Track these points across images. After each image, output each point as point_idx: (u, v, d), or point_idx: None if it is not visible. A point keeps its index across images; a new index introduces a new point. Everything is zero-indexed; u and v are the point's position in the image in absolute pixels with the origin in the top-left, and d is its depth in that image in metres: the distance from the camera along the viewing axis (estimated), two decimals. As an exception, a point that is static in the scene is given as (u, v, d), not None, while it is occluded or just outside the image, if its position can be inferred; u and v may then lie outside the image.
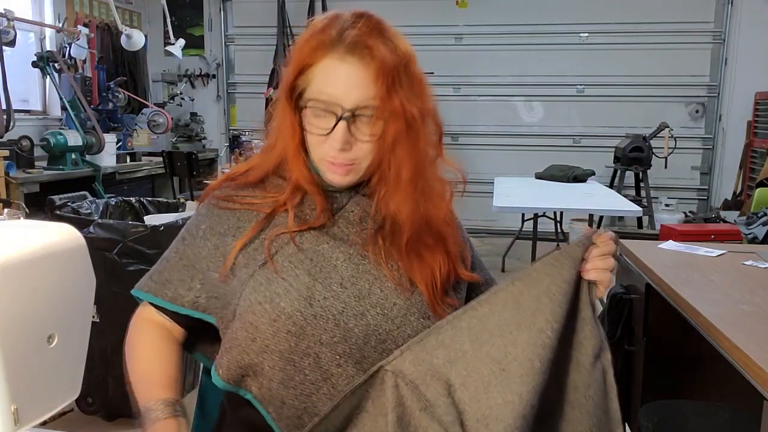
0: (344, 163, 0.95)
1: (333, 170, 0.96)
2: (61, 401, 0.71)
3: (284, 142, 0.98)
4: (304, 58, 0.93)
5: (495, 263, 4.93)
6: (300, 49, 0.94)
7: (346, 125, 0.91)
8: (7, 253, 0.62)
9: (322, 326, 0.91)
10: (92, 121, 4.45)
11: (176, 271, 1.00)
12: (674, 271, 1.69)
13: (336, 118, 0.91)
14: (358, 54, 0.90)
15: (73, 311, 0.72)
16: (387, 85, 0.90)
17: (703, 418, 1.56)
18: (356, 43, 0.90)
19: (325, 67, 0.92)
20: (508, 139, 6.25)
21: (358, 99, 0.90)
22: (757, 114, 5.67)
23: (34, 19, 5.12)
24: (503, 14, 6.11)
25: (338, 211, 1.00)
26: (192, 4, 6.69)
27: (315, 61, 0.92)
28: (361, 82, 0.90)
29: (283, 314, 0.90)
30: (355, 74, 0.90)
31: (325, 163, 0.96)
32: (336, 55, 0.91)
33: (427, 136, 0.97)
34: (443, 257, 0.99)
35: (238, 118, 6.86)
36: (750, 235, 4.17)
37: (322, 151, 0.95)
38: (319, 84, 0.92)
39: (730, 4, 5.77)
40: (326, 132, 0.92)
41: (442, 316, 0.95)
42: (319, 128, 0.93)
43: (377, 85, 0.90)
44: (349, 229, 0.99)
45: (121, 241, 2.22)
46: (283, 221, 0.99)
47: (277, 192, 1.01)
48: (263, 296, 0.92)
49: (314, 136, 0.95)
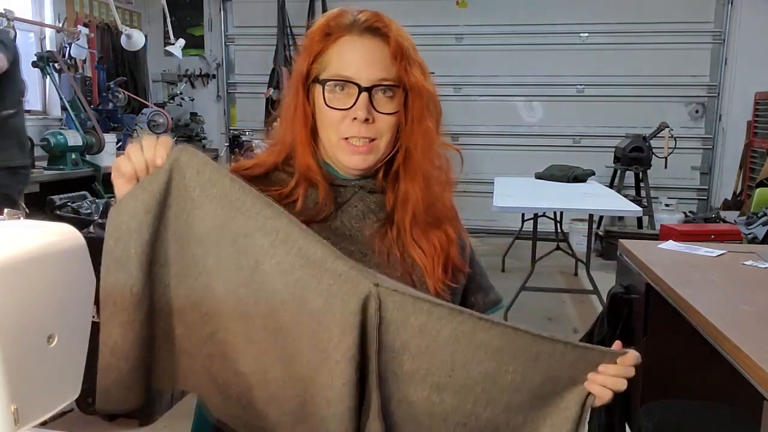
0: (366, 140, 0.96)
1: (353, 151, 0.96)
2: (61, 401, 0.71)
3: (295, 132, 0.99)
4: (317, 44, 0.96)
5: (495, 263, 4.93)
6: (311, 37, 0.97)
7: (367, 97, 0.94)
8: (7, 253, 0.62)
9: None
10: (92, 121, 4.45)
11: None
12: (674, 271, 1.69)
13: (356, 93, 0.93)
14: (373, 33, 0.95)
15: (73, 311, 0.72)
16: (405, 63, 0.95)
17: (703, 418, 1.56)
18: (370, 24, 0.95)
19: (340, 47, 0.95)
20: (508, 139, 6.25)
21: (376, 75, 0.94)
22: (757, 114, 5.67)
23: (34, 19, 5.12)
24: (503, 14, 6.11)
25: (342, 205, 1.00)
26: (192, 4, 6.69)
27: (330, 45, 0.95)
28: (379, 58, 0.94)
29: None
30: (372, 51, 0.94)
31: (344, 144, 0.96)
32: (352, 35, 0.95)
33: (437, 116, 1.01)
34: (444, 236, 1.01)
35: (238, 118, 6.86)
36: (750, 235, 4.17)
37: (342, 129, 0.96)
38: (336, 64, 0.95)
39: (730, 4, 5.77)
40: (348, 106, 0.94)
41: (440, 293, 0.96)
42: (340, 103, 0.95)
43: (395, 63, 0.94)
44: (352, 224, 0.99)
45: (121, 241, 2.22)
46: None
47: (281, 186, 1.01)
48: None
49: (333, 114, 0.95)
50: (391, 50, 0.94)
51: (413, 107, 0.97)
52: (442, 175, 1.03)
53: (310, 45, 0.97)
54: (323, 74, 0.96)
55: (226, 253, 0.82)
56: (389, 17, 0.98)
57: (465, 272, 1.04)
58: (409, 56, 0.95)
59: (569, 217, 5.37)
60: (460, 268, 1.03)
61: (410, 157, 0.99)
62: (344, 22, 0.95)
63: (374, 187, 1.02)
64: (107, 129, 4.93)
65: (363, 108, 0.93)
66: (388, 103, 0.95)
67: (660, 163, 5.41)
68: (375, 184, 1.02)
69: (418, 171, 0.99)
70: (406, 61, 0.95)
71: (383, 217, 1.01)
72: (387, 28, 0.95)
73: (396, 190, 1.01)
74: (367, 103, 0.93)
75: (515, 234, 5.11)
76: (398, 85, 0.95)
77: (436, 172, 1.01)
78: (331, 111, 0.95)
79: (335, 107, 0.95)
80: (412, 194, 0.99)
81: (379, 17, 0.96)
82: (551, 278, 4.75)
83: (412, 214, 0.99)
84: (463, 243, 1.06)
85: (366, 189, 1.02)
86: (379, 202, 1.02)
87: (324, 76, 0.96)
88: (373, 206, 1.02)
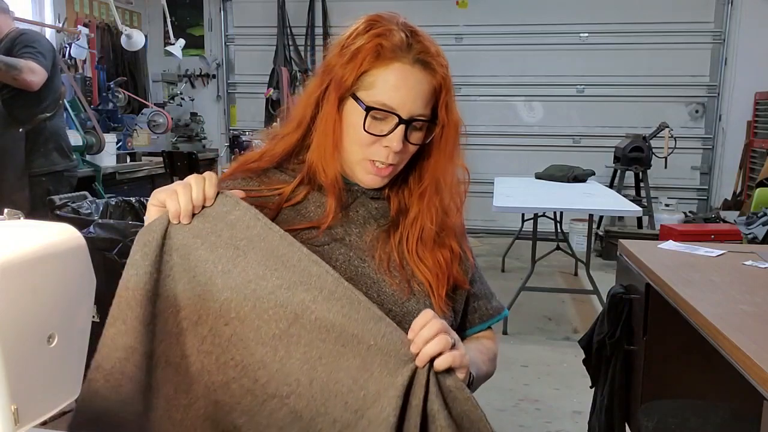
0: (389, 166, 0.97)
1: (375, 172, 0.97)
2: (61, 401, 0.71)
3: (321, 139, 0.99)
4: (367, 62, 0.94)
5: (495, 263, 4.93)
6: (363, 53, 0.94)
7: (404, 130, 0.95)
8: (7, 253, 0.62)
9: None
10: (92, 121, 4.44)
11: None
12: (674, 271, 1.68)
13: (395, 123, 0.94)
14: (423, 65, 0.95)
15: (73, 311, 0.72)
16: (446, 98, 0.97)
17: (703, 418, 1.56)
18: (422, 55, 0.95)
19: (391, 73, 0.94)
20: (508, 139, 6.25)
21: (416, 109, 0.95)
22: (757, 114, 5.67)
23: (34, 19, 5.12)
24: (503, 14, 6.11)
25: (343, 209, 1.00)
26: (192, 4, 6.69)
27: (379, 66, 0.94)
28: (423, 93, 0.95)
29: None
30: (418, 86, 0.94)
31: (367, 164, 0.97)
32: (405, 63, 0.94)
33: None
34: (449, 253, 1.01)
35: (238, 118, 6.86)
36: (750, 235, 4.17)
37: (370, 152, 0.96)
38: (382, 89, 0.94)
39: (730, 4, 5.77)
40: (383, 134, 0.94)
41: (444, 313, 0.96)
42: (376, 129, 0.95)
43: (440, 99, 0.96)
44: (351, 229, 0.99)
45: (121, 241, 2.22)
46: (285, 219, 0.99)
47: (280, 184, 1.01)
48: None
49: (366, 136, 0.95)
50: (436, 86, 0.95)
51: (447, 142, 0.99)
52: (458, 199, 1.05)
53: (360, 61, 0.94)
54: (367, 95, 0.95)
55: (265, 304, 0.83)
56: (431, 39, 0.97)
57: (465, 289, 1.05)
58: (450, 91, 0.97)
59: (569, 217, 5.37)
60: (461, 284, 1.04)
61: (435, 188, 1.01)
62: (397, 45, 0.94)
63: (378, 194, 1.02)
64: (107, 129, 4.93)
65: (398, 140, 0.94)
66: (418, 134, 0.97)
67: (660, 163, 5.41)
68: (380, 191, 1.02)
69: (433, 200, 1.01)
70: (449, 97, 0.97)
71: (385, 223, 1.01)
72: (435, 61, 0.95)
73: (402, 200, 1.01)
74: (402, 135, 0.95)
75: (515, 234, 5.11)
76: (434, 122, 0.97)
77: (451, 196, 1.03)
78: (365, 134, 0.95)
79: (372, 133, 0.95)
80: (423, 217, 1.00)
81: (430, 46, 0.96)
82: (551, 278, 4.75)
83: (420, 234, 1.00)
84: (466, 255, 1.07)
85: (369, 195, 1.02)
86: (382, 208, 1.03)
87: (367, 97, 0.94)
88: (374, 212, 1.02)
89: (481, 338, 1.10)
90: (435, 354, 0.80)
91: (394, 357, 0.81)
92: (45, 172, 3.17)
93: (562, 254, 4.71)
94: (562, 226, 4.98)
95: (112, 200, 2.68)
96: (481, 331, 1.10)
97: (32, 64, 2.95)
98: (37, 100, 3.10)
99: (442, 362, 0.81)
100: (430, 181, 1.01)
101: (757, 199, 4.71)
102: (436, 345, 0.80)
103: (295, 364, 0.82)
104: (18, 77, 2.91)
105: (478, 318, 1.09)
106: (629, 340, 1.89)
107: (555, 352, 3.27)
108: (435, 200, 1.00)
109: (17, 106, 3.05)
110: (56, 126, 3.27)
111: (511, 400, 2.78)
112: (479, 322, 1.09)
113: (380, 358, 0.81)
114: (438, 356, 0.81)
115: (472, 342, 1.07)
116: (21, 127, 3.09)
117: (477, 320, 1.09)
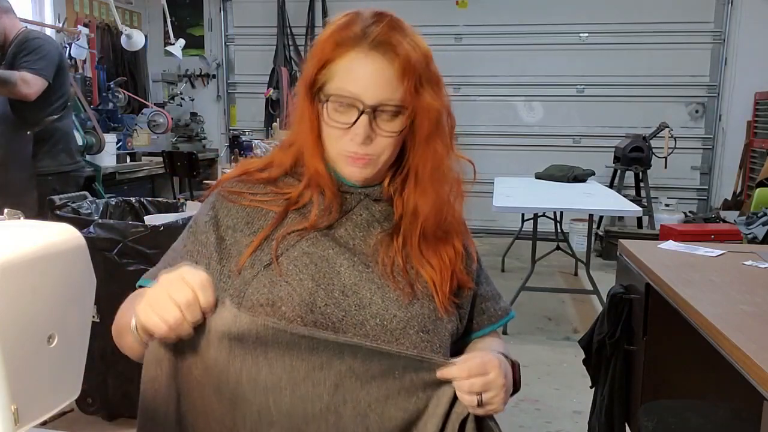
0: (365, 155, 0.95)
1: (351, 163, 0.96)
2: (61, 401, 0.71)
3: (302, 137, 0.98)
4: (326, 53, 0.93)
5: (495, 263, 4.93)
6: (322, 45, 0.94)
7: (367, 120, 0.92)
8: (7, 253, 0.62)
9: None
10: (92, 121, 4.44)
11: (180, 257, 0.99)
12: (674, 271, 1.69)
13: (357, 113, 0.92)
14: (382, 51, 0.91)
15: (73, 311, 0.72)
16: (414, 82, 0.92)
17: (703, 418, 1.56)
18: (380, 41, 0.91)
19: (348, 62, 0.92)
20: (508, 139, 6.25)
21: (381, 95, 0.91)
22: (757, 114, 5.67)
23: (34, 19, 5.12)
24: (503, 14, 6.11)
25: (346, 213, 1.00)
26: (192, 4, 6.69)
27: (338, 57, 0.92)
28: (385, 78, 0.91)
29: (284, 319, 0.89)
30: (379, 71, 0.91)
31: (343, 157, 0.96)
32: (360, 50, 0.91)
33: (447, 131, 0.99)
34: (452, 251, 1.00)
35: (238, 118, 6.86)
36: (750, 235, 4.17)
37: (341, 145, 0.95)
38: (341, 79, 0.92)
39: (730, 4, 5.77)
40: (347, 126, 0.93)
41: (448, 312, 0.96)
42: (340, 122, 0.93)
43: (404, 83, 0.91)
44: (355, 233, 0.99)
45: (121, 241, 2.22)
46: (291, 221, 0.98)
47: (290, 189, 1.01)
48: (266, 299, 0.91)
49: (334, 129, 0.94)
50: (399, 70, 0.91)
51: (421, 128, 0.95)
52: (454, 188, 1.02)
53: (320, 52, 0.94)
54: (328, 86, 0.94)
55: (302, 390, 0.85)
56: (405, 24, 0.95)
57: (470, 287, 1.04)
58: (419, 74, 0.92)
59: (569, 217, 5.37)
60: (464, 284, 1.03)
61: (419, 178, 0.98)
62: (354, 33, 0.92)
63: (380, 196, 1.01)
64: (107, 129, 4.93)
65: (361, 129, 0.92)
66: (390, 123, 0.94)
67: (660, 163, 5.41)
68: (381, 192, 1.01)
69: (428, 189, 0.98)
70: (416, 80, 0.92)
71: (389, 227, 1.00)
72: (398, 45, 0.91)
73: (404, 200, 1.00)
74: (366, 124, 0.92)
75: (515, 234, 5.11)
76: (403, 106, 0.93)
77: (447, 187, 1.00)
78: (332, 126, 0.94)
79: (336, 124, 0.94)
80: (421, 210, 0.98)
81: (393, 29, 0.92)
82: (551, 278, 4.75)
83: (421, 229, 0.98)
84: (470, 255, 1.06)
85: (372, 197, 1.01)
86: (385, 211, 1.02)
87: (329, 88, 0.94)
88: (378, 215, 1.01)
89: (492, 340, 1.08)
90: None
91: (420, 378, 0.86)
92: (53, 172, 3.18)
93: (562, 254, 4.72)
94: (562, 226, 4.98)
95: (112, 200, 2.68)
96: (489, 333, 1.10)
97: (27, 76, 2.93)
98: (45, 103, 3.10)
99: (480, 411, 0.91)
100: (412, 170, 0.98)
101: (757, 199, 4.71)
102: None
103: (348, 424, 0.85)
104: (13, 90, 2.92)
105: (486, 320, 1.08)
106: (629, 340, 1.89)
107: (555, 352, 3.27)
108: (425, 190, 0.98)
109: (25, 108, 3.05)
110: (64, 127, 3.28)
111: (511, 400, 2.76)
112: (488, 324, 1.09)
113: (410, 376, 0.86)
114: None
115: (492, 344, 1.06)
116: (29, 130, 3.10)
117: (486, 322, 1.08)
